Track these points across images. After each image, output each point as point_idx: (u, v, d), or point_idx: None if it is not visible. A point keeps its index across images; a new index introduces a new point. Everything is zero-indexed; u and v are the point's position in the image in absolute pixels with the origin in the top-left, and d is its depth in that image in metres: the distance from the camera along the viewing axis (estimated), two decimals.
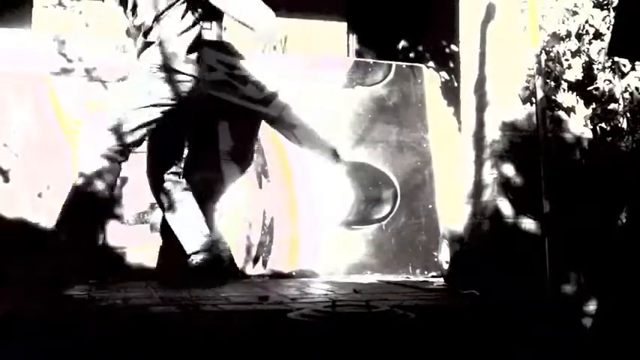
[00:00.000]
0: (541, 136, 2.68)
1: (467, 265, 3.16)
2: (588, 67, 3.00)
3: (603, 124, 3.00)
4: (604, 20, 2.96)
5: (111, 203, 3.45)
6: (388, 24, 4.59)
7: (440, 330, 2.20)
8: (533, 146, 2.82)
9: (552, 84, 2.99)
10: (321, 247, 3.83)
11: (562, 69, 2.97)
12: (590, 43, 2.98)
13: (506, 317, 2.37)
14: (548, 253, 2.55)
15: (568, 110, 3.04)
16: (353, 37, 4.71)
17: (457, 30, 3.45)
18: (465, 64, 3.36)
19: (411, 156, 4.14)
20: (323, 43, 4.47)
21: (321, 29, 4.55)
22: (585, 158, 3.03)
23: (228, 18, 3.25)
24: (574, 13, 2.97)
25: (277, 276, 3.67)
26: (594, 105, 3.01)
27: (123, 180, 3.53)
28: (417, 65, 4.31)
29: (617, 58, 2.89)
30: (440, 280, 3.49)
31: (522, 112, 3.05)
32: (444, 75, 4.27)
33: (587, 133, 3.05)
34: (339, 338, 2.01)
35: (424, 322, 2.21)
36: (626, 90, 2.92)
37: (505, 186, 3.01)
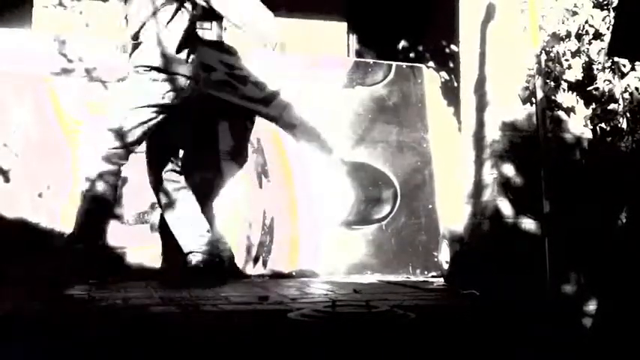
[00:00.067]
0: (541, 136, 2.68)
1: (467, 265, 3.16)
2: (588, 67, 3.00)
3: (603, 124, 3.00)
4: (604, 20, 2.96)
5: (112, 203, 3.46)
6: (388, 24, 4.59)
7: (440, 330, 2.20)
8: (533, 146, 2.82)
9: (552, 84, 2.99)
10: (321, 247, 3.83)
11: (562, 69, 2.97)
12: (590, 43, 2.98)
13: (506, 317, 2.37)
14: (548, 253, 2.55)
15: (568, 110, 3.04)
16: (353, 37, 4.71)
17: (457, 30, 3.45)
18: (465, 64, 3.36)
19: (411, 156, 4.14)
20: (323, 43, 4.47)
21: (321, 29, 4.54)
22: (585, 158, 3.03)
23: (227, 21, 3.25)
24: (574, 14, 2.97)
25: (277, 276, 3.67)
26: (594, 105, 3.01)
27: (123, 180, 3.52)
28: (417, 65, 4.31)
29: (617, 58, 2.89)
30: (440, 280, 3.49)
31: (522, 112, 3.05)
32: (444, 75, 4.27)
33: (587, 133, 3.05)
34: (339, 338, 2.01)
35: (424, 322, 2.21)
36: (625, 90, 2.92)
37: (505, 186, 3.01)
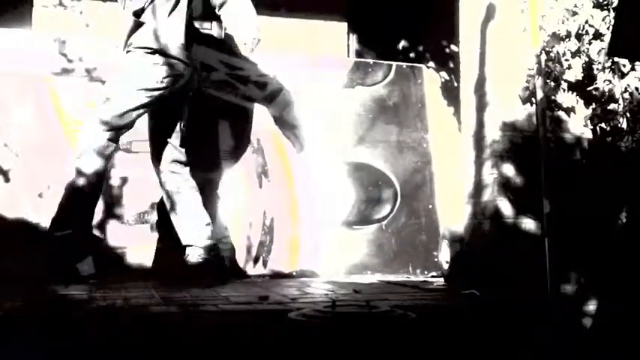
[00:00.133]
0: (541, 136, 2.68)
1: (467, 265, 3.16)
2: (588, 68, 3.00)
3: (603, 124, 3.00)
4: (604, 20, 2.96)
5: (109, 200, 3.46)
6: (388, 24, 4.59)
7: (440, 330, 2.19)
8: (533, 146, 2.82)
9: (552, 84, 2.99)
10: (322, 247, 3.83)
11: (562, 69, 2.97)
12: (590, 44, 2.98)
13: (506, 317, 2.37)
14: (548, 253, 2.55)
15: (568, 110, 3.04)
16: (353, 37, 4.70)
17: (457, 30, 3.45)
18: (465, 64, 3.36)
19: (411, 156, 4.14)
20: (323, 43, 4.47)
21: (321, 29, 4.54)
22: (585, 158, 3.03)
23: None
24: (574, 14, 2.97)
25: (277, 276, 3.67)
26: (594, 105, 3.01)
27: (123, 180, 3.54)
28: (417, 65, 4.31)
29: (617, 58, 2.89)
30: (440, 280, 3.49)
31: (522, 113, 3.05)
32: (444, 75, 4.27)
33: (587, 133, 3.05)
34: (339, 338, 2.01)
35: (424, 322, 2.21)
36: (625, 90, 2.92)
37: (505, 186, 3.01)
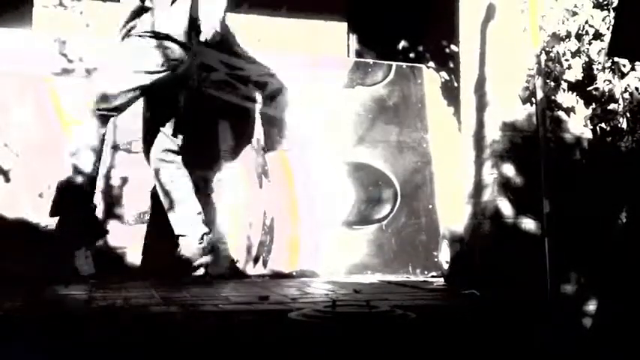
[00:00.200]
0: (541, 136, 2.68)
1: (467, 265, 3.16)
2: (588, 68, 3.00)
3: (603, 124, 3.00)
4: (604, 20, 2.95)
5: (109, 200, 3.46)
6: (388, 24, 4.59)
7: (440, 330, 2.19)
8: (533, 146, 2.81)
9: (552, 84, 2.99)
10: (322, 247, 3.83)
11: (562, 69, 2.97)
12: (590, 44, 2.98)
13: (506, 317, 2.37)
14: (548, 253, 2.55)
15: (568, 110, 3.04)
16: (353, 37, 4.70)
17: (457, 30, 3.44)
18: (465, 64, 3.36)
19: (411, 156, 4.14)
20: (323, 43, 4.47)
21: (321, 29, 4.54)
22: (585, 158, 3.03)
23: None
24: (574, 14, 2.97)
25: (277, 276, 3.67)
26: (594, 105, 3.01)
27: (123, 180, 3.54)
28: (417, 65, 4.31)
29: (617, 58, 2.89)
30: (440, 280, 3.48)
31: (522, 113, 3.05)
32: (444, 75, 4.27)
33: (587, 133, 3.05)
34: (339, 338, 2.01)
35: (424, 322, 2.21)
36: (625, 90, 2.92)
37: (505, 186, 3.01)
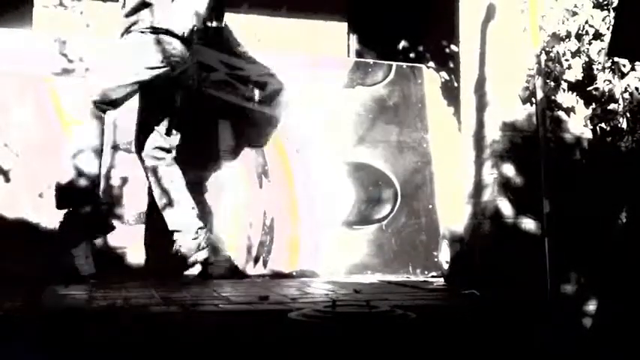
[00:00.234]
0: (541, 136, 2.68)
1: (467, 265, 3.16)
2: (588, 68, 3.00)
3: (603, 124, 3.00)
4: (604, 20, 2.96)
5: (109, 200, 3.46)
6: (388, 24, 4.59)
7: (440, 330, 2.20)
8: (533, 146, 2.82)
9: (552, 84, 2.99)
10: (322, 247, 3.83)
11: (562, 69, 2.97)
12: (590, 44, 2.98)
13: (506, 317, 2.37)
14: (548, 253, 2.55)
15: (568, 110, 3.04)
16: (353, 37, 4.70)
17: (457, 30, 3.45)
18: (465, 64, 3.36)
19: (412, 156, 4.14)
20: (323, 43, 4.47)
21: (321, 29, 4.54)
22: (585, 158, 3.03)
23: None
24: (574, 14, 2.97)
25: (277, 276, 3.67)
26: (594, 105, 3.01)
27: (123, 180, 3.54)
28: (417, 65, 4.31)
29: (617, 58, 2.89)
30: (440, 280, 3.48)
31: (522, 113, 3.05)
32: (444, 75, 4.27)
33: (587, 133, 3.05)
34: (339, 338, 2.01)
35: (424, 322, 2.21)
36: (625, 90, 2.92)
37: (505, 186, 3.01)
